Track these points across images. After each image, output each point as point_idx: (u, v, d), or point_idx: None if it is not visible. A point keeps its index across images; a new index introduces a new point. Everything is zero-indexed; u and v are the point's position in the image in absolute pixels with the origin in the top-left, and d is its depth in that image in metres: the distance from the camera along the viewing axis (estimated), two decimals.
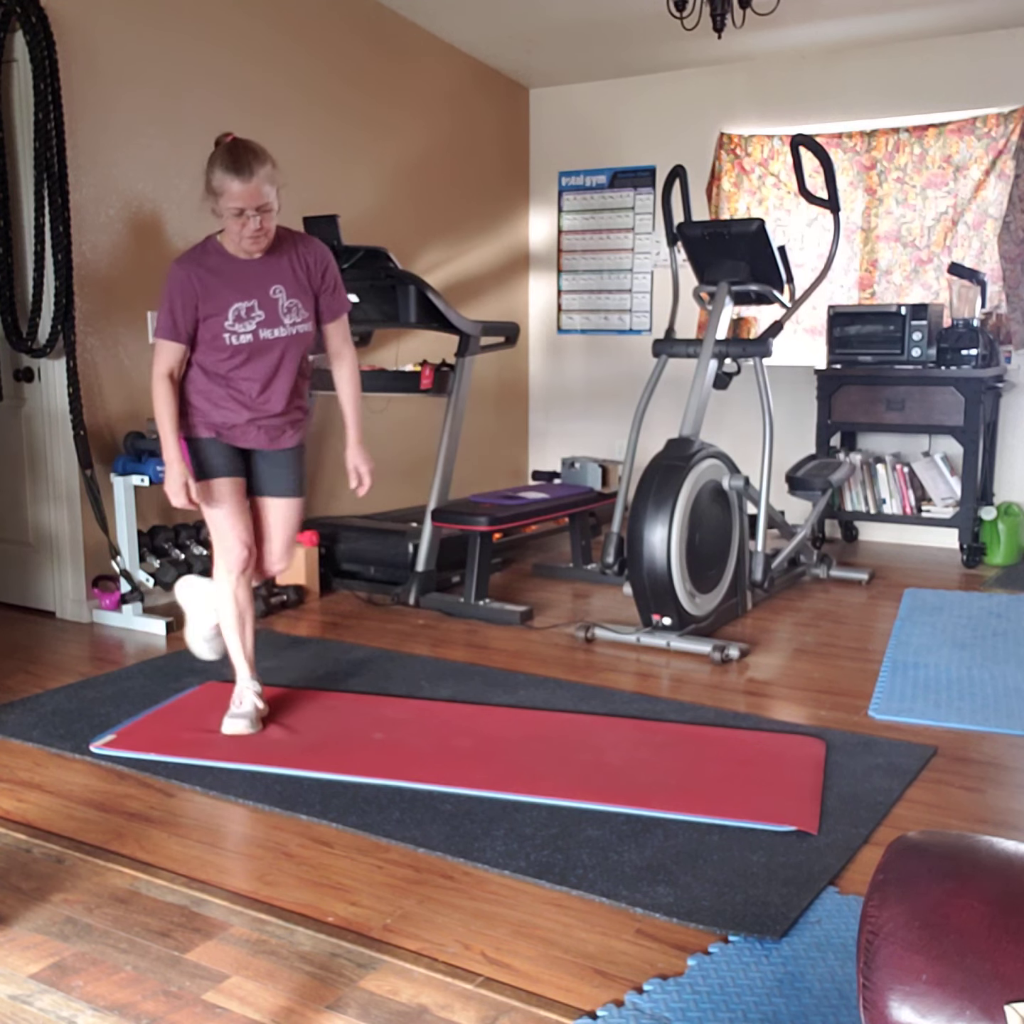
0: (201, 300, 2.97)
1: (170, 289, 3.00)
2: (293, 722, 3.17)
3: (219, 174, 2.83)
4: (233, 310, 2.97)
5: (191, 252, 3.04)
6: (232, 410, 3.06)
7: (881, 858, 1.26)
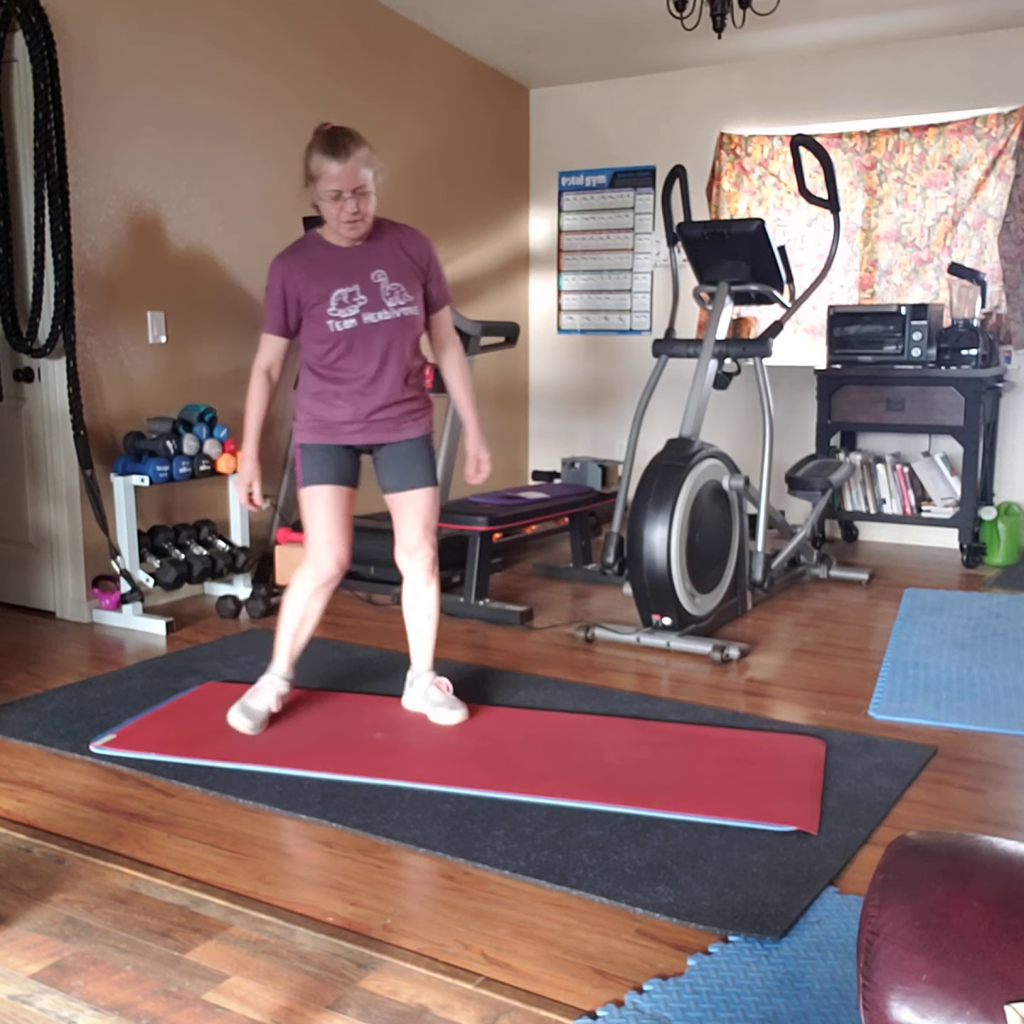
0: (303, 291, 2.95)
1: (271, 283, 2.99)
2: (293, 722, 3.17)
3: (316, 158, 2.84)
4: (335, 296, 2.93)
5: (292, 246, 3.03)
6: (345, 406, 3.02)
7: (881, 858, 1.26)
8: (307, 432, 3.07)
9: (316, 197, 2.90)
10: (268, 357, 3.05)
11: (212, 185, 4.70)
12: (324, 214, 2.92)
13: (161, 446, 4.28)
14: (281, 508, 4.98)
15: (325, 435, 3.05)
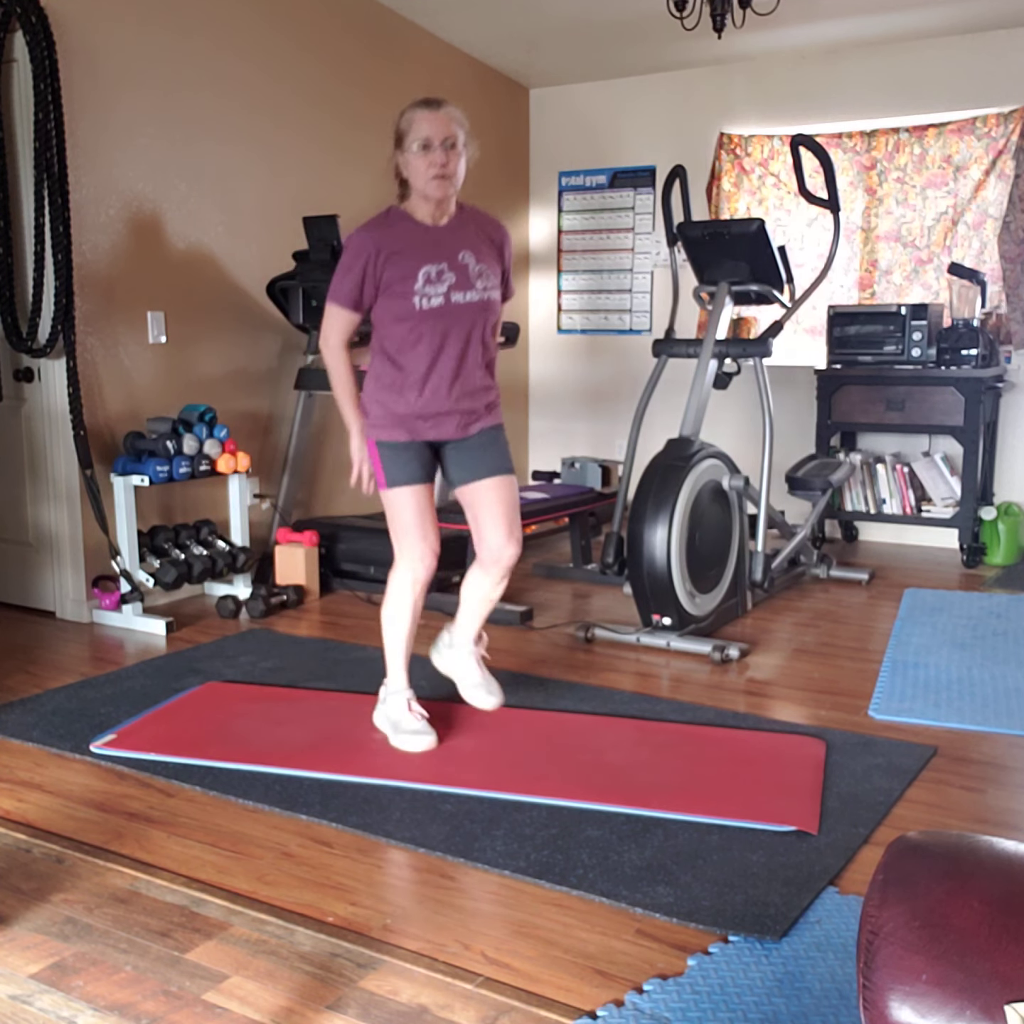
0: (387, 266, 2.82)
1: (349, 255, 2.86)
2: (293, 722, 3.17)
3: (407, 113, 2.84)
4: (423, 272, 2.81)
5: (374, 219, 2.92)
6: (422, 395, 2.88)
7: (881, 858, 1.26)
8: (383, 428, 2.91)
9: (403, 164, 2.82)
10: (344, 331, 2.91)
11: (212, 185, 4.70)
12: (412, 175, 2.82)
13: (161, 446, 4.28)
14: (281, 508, 4.98)
15: (402, 430, 2.90)
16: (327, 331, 2.93)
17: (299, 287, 4.81)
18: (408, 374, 2.88)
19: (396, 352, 2.90)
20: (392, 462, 2.91)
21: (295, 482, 5.07)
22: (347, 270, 2.86)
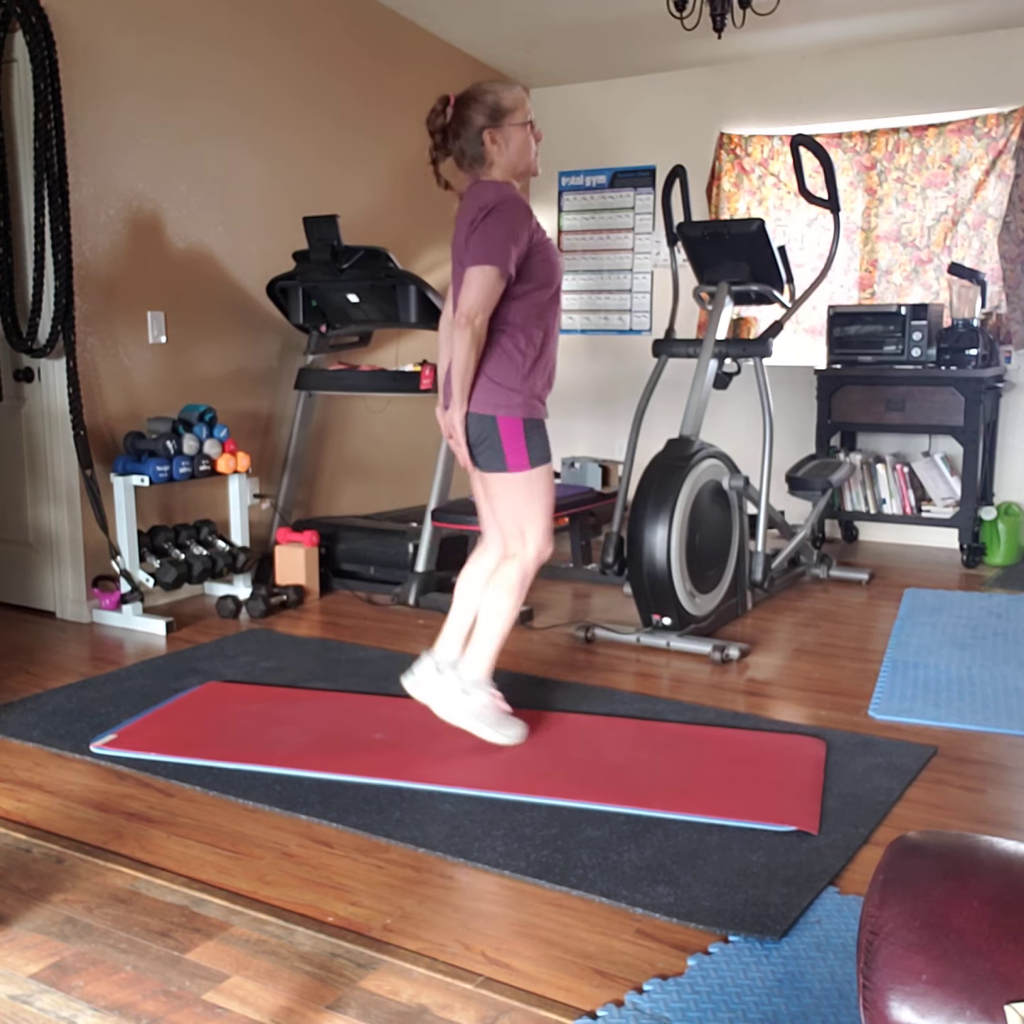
0: (538, 231, 2.79)
1: (514, 217, 2.71)
2: (293, 722, 3.17)
3: (507, 91, 2.79)
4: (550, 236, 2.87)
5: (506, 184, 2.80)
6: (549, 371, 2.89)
7: (881, 858, 1.26)
8: (528, 405, 2.83)
9: (504, 137, 2.77)
10: (494, 299, 2.71)
11: (212, 185, 4.70)
12: (518, 149, 2.80)
13: (161, 446, 4.28)
14: (281, 508, 4.98)
15: (542, 406, 2.88)
16: (480, 303, 2.70)
17: (299, 287, 4.82)
18: (553, 344, 2.88)
19: (544, 321, 2.84)
20: (539, 440, 2.85)
21: (295, 482, 5.07)
22: (515, 231, 2.70)
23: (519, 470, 2.84)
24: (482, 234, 2.71)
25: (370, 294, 4.69)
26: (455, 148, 2.84)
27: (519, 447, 2.83)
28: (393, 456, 5.76)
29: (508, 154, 2.80)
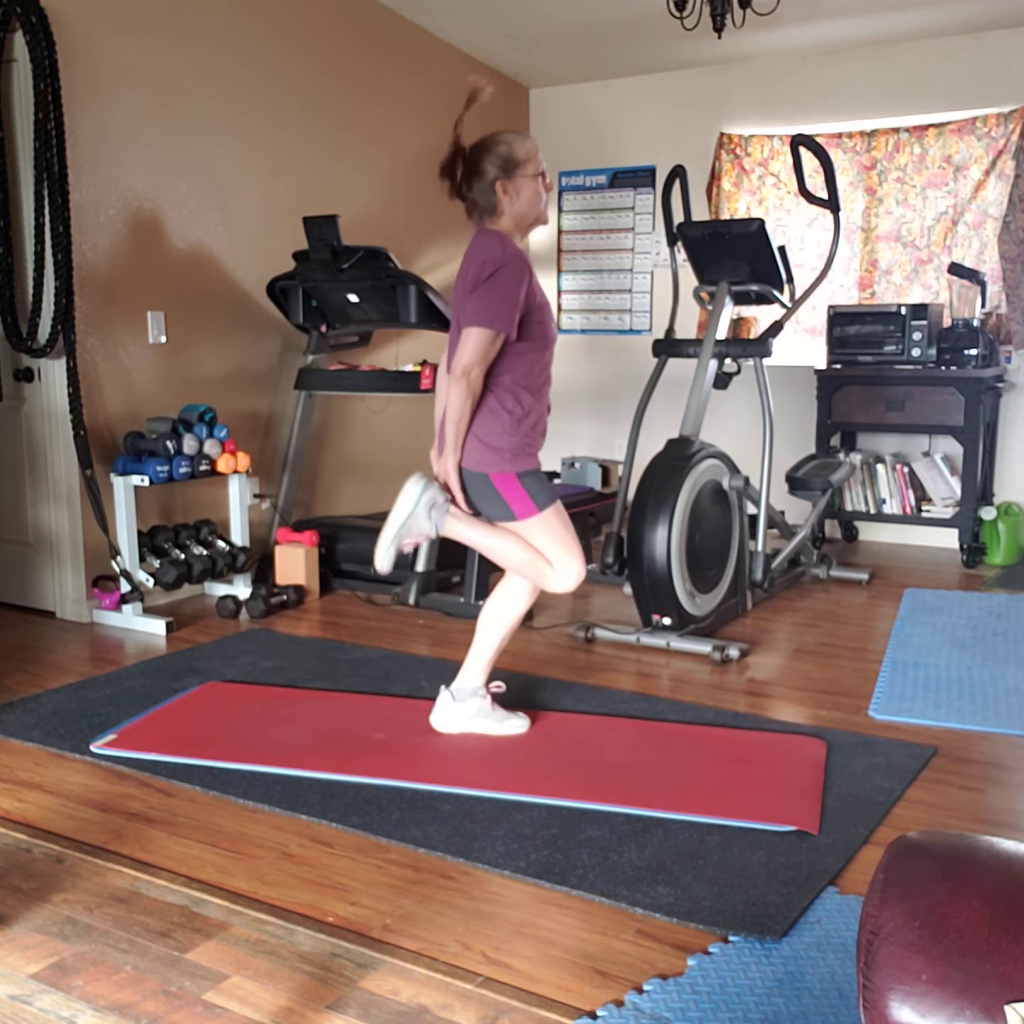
0: (533, 292, 2.83)
1: (513, 278, 2.73)
2: (293, 722, 3.17)
3: (520, 142, 2.84)
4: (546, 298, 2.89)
5: (509, 242, 2.82)
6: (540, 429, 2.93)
7: (881, 858, 1.26)
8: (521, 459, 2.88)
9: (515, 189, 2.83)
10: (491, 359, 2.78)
11: (212, 185, 4.70)
12: (529, 201, 2.85)
13: (161, 446, 4.28)
14: (281, 508, 4.98)
15: (535, 458, 2.93)
16: (475, 358, 2.75)
17: (299, 287, 4.82)
18: (542, 403, 2.92)
19: (534, 382, 2.87)
20: (536, 487, 2.90)
21: (295, 482, 5.07)
22: (511, 294, 2.73)
23: (528, 516, 2.89)
24: (484, 293, 2.74)
25: (370, 294, 4.69)
26: (468, 197, 2.87)
27: (520, 496, 2.87)
28: (393, 456, 5.75)
29: (519, 205, 2.85)
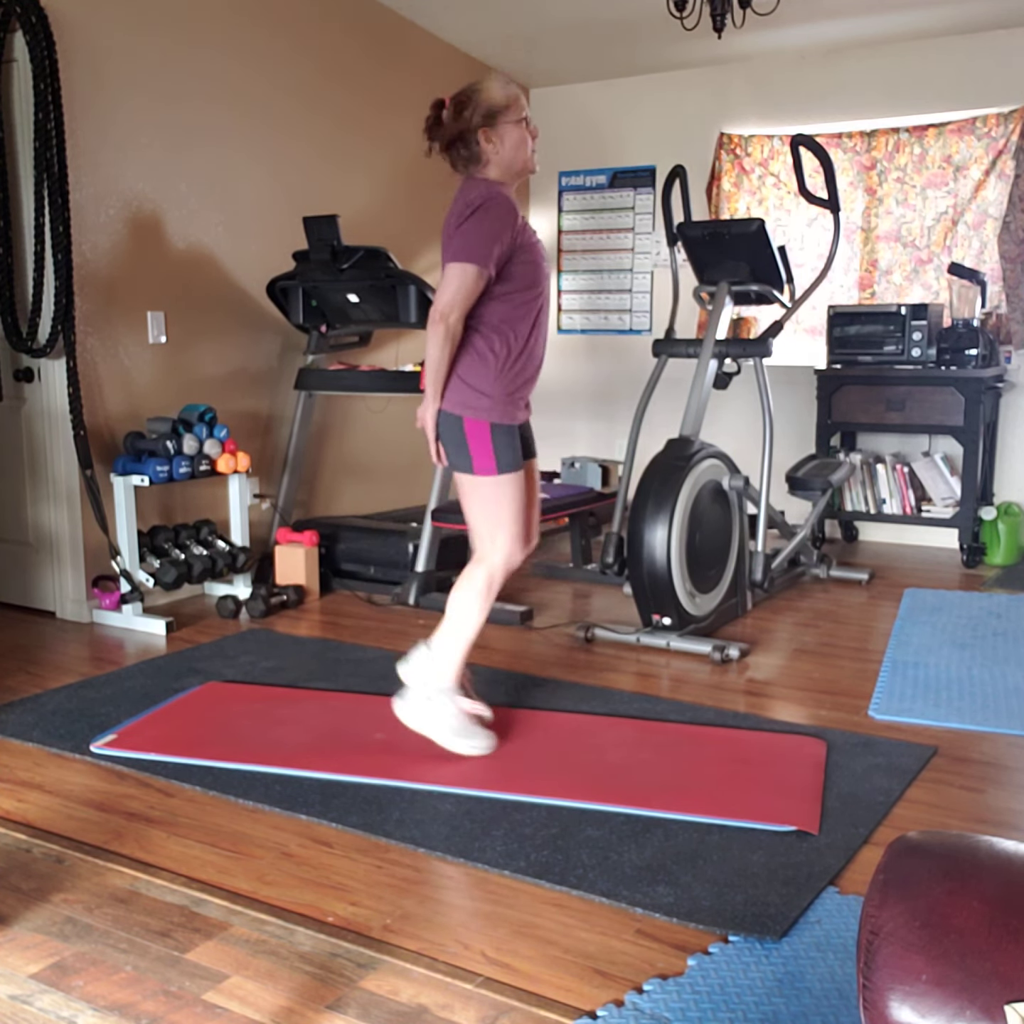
0: (521, 232, 2.75)
1: (496, 215, 2.67)
2: (293, 722, 3.17)
3: (502, 86, 2.74)
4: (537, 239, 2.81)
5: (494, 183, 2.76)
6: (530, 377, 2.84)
7: (881, 858, 1.25)
8: (499, 410, 2.79)
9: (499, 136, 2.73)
10: (471, 297, 2.68)
11: (212, 185, 4.70)
12: (513, 147, 2.75)
13: (161, 446, 4.28)
14: (281, 508, 4.98)
15: (516, 412, 2.84)
16: (453, 299, 2.67)
17: (299, 287, 4.82)
18: (535, 350, 2.83)
19: (522, 325, 2.79)
20: (507, 446, 2.80)
21: (295, 482, 5.07)
22: (493, 230, 2.66)
23: (485, 474, 2.80)
24: (465, 231, 2.68)
25: (370, 294, 4.69)
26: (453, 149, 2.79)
27: (486, 450, 2.78)
28: (393, 456, 5.75)
29: (504, 152, 2.76)
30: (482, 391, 2.78)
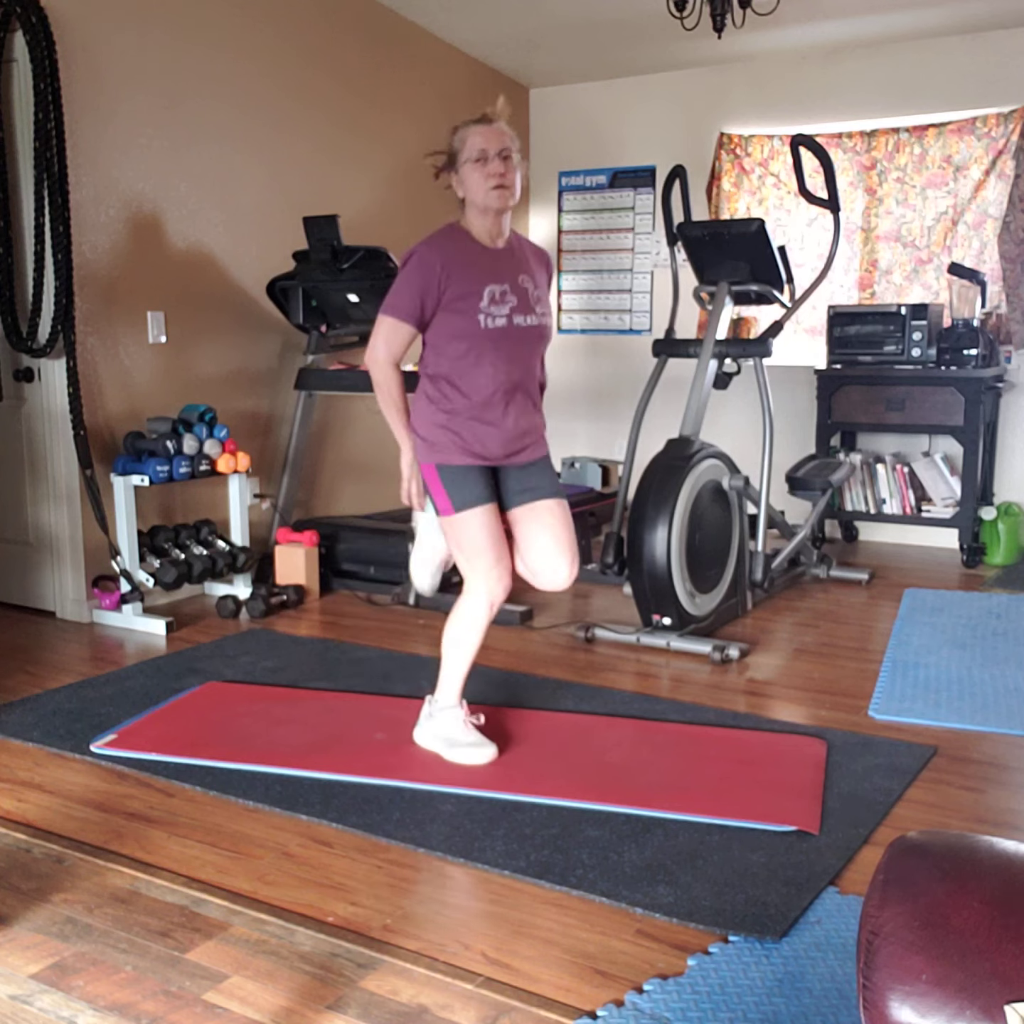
0: (450, 282, 2.75)
1: (412, 268, 2.76)
2: (293, 722, 3.17)
3: (460, 131, 2.77)
4: (488, 291, 2.75)
5: (437, 234, 2.83)
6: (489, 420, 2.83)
7: (881, 858, 1.26)
8: (444, 452, 2.83)
9: (458, 182, 2.77)
10: (398, 348, 2.83)
11: (212, 185, 4.70)
12: (470, 189, 2.76)
13: (161, 446, 4.28)
14: (281, 508, 4.98)
15: (465, 455, 2.82)
16: (376, 344, 2.82)
17: (299, 287, 4.82)
18: (471, 397, 2.83)
19: (454, 374, 2.83)
20: (456, 485, 2.82)
21: (295, 482, 5.07)
22: (409, 283, 2.77)
23: (445, 513, 2.84)
24: (394, 283, 2.82)
25: (370, 294, 4.69)
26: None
27: (439, 491, 2.83)
28: (393, 456, 5.71)
29: (469, 194, 2.79)
30: (422, 435, 2.86)
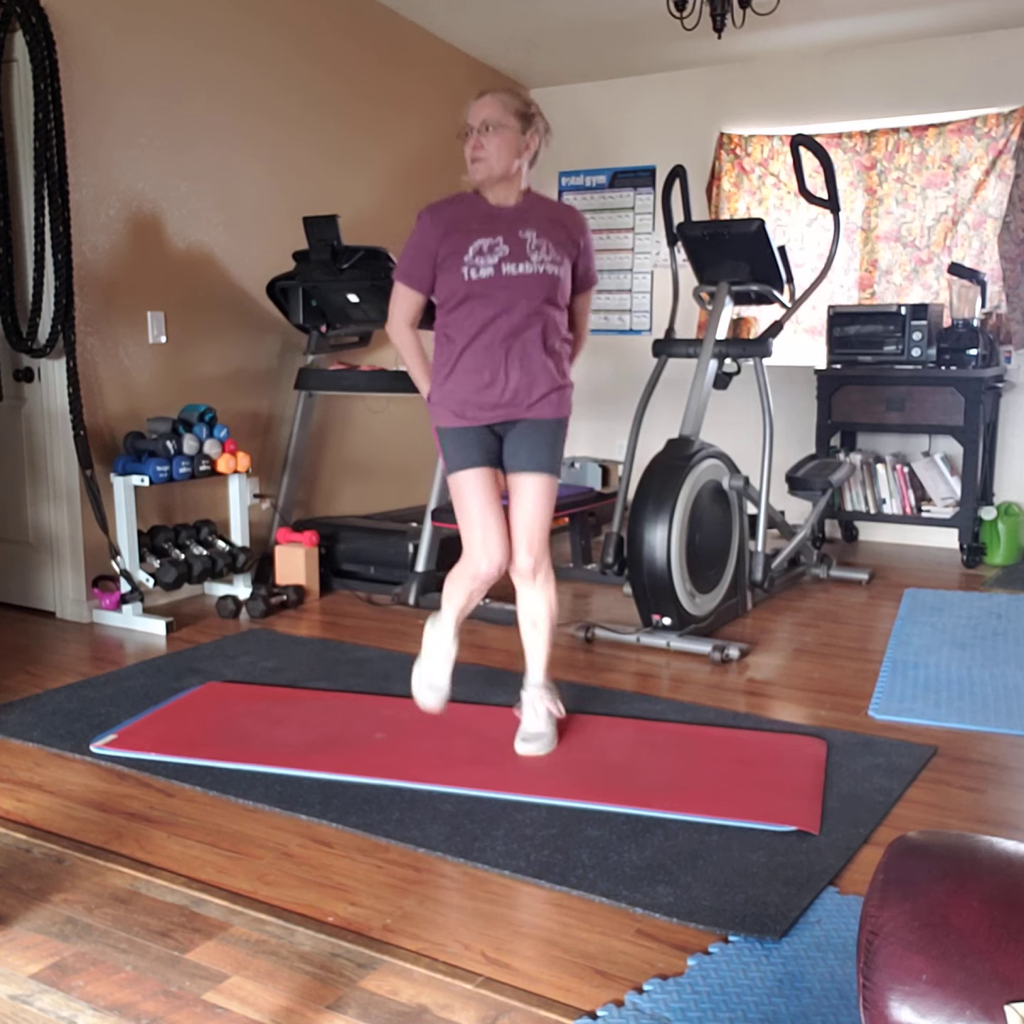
0: (443, 242, 2.80)
1: (415, 234, 2.87)
2: (293, 722, 3.17)
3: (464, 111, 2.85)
4: (475, 246, 2.77)
5: (442, 200, 2.90)
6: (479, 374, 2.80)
7: (881, 858, 1.26)
8: (443, 414, 2.86)
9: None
10: (407, 310, 2.89)
11: (212, 185, 4.70)
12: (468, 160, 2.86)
13: (161, 446, 4.28)
14: (281, 508, 4.98)
15: (459, 416, 2.83)
16: (391, 310, 2.93)
17: (299, 287, 4.82)
18: (462, 351, 2.83)
19: (451, 327, 2.84)
20: (453, 447, 2.86)
21: (295, 482, 5.07)
22: (411, 248, 2.88)
23: (446, 473, 2.94)
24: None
25: (370, 294, 4.69)
26: None
27: (441, 453, 2.94)
28: (393, 456, 5.75)
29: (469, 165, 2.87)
30: (431, 399, 2.95)
